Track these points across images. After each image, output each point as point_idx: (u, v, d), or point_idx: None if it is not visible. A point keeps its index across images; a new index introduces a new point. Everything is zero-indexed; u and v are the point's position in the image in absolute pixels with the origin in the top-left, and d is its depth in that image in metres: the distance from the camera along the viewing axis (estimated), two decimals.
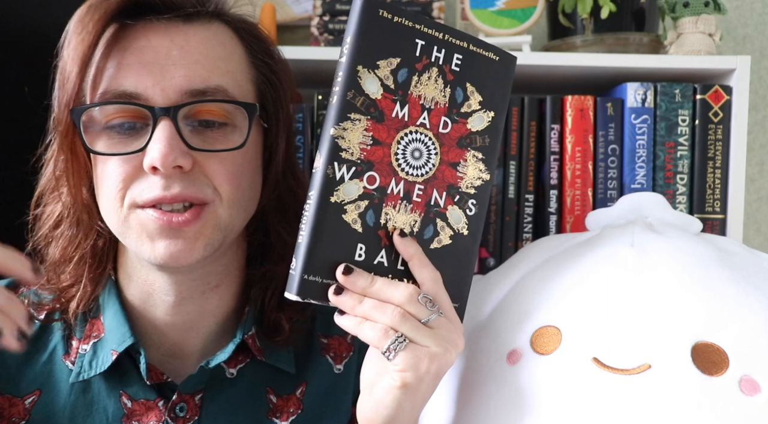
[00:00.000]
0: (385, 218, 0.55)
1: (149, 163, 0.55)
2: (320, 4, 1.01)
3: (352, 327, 0.53)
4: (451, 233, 0.58)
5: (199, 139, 0.57)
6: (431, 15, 1.01)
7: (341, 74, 0.53)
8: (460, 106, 0.57)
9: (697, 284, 0.59)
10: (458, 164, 0.58)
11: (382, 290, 0.53)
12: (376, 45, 0.53)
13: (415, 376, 0.51)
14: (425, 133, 0.56)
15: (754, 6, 1.23)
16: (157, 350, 0.64)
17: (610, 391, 0.54)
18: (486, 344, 0.63)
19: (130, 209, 0.57)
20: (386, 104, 0.54)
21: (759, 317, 0.57)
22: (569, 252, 0.68)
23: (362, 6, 0.53)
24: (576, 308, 0.60)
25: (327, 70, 0.97)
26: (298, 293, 0.52)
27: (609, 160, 0.91)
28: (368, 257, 0.54)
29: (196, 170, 0.57)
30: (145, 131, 0.56)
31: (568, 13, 1.00)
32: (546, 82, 1.03)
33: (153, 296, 0.63)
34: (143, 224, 0.56)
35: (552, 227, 0.92)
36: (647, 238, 0.64)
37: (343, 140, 0.52)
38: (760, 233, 1.25)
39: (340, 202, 0.53)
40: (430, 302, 0.53)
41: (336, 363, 0.70)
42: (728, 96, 0.90)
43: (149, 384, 0.62)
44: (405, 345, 0.51)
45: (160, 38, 0.56)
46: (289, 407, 0.67)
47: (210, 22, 0.60)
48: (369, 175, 0.54)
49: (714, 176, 0.91)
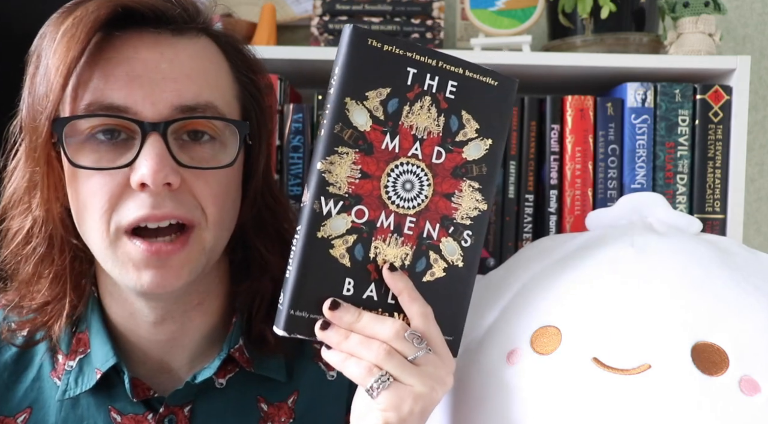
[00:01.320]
0: (375, 251, 0.54)
1: (138, 179, 0.52)
2: (320, 4, 1.01)
3: (337, 363, 0.52)
4: (444, 265, 0.56)
5: (188, 156, 0.55)
6: (431, 15, 1.01)
7: (329, 106, 0.52)
8: (455, 135, 0.56)
9: (697, 284, 0.59)
10: (453, 195, 0.56)
11: (368, 326, 0.52)
12: (364, 76, 0.52)
13: (397, 416, 0.50)
14: (417, 164, 0.55)
15: (754, 6, 1.23)
16: (143, 366, 0.64)
17: (610, 391, 0.54)
18: (486, 344, 0.63)
19: (116, 235, 0.54)
20: (375, 136, 0.53)
21: (759, 317, 0.57)
22: (569, 252, 0.67)
23: (350, 36, 0.51)
24: (576, 308, 0.60)
25: (327, 70, 0.97)
26: (285, 329, 0.52)
27: (609, 160, 0.91)
28: (357, 292, 0.53)
29: (183, 189, 0.55)
30: (131, 144, 0.54)
31: (568, 13, 1.00)
32: (546, 82, 1.03)
33: (134, 315, 0.62)
34: (129, 255, 0.55)
35: (552, 227, 0.92)
36: (647, 238, 0.64)
37: (330, 174, 0.52)
38: (760, 233, 1.25)
39: (327, 237, 0.52)
40: (418, 339, 0.52)
41: (329, 370, 0.69)
42: (728, 96, 0.90)
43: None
44: (389, 384, 0.50)
45: (149, 51, 0.54)
46: (281, 416, 0.66)
47: (198, 36, 0.58)
48: (357, 209, 0.53)
49: (714, 176, 0.91)
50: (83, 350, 0.62)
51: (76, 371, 0.62)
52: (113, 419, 0.61)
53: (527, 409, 0.57)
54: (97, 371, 0.60)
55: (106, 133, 0.54)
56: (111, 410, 0.62)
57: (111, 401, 0.62)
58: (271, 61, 0.92)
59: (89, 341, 0.62)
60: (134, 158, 0.53)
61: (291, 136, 0.90)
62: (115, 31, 0.54)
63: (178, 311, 0.62)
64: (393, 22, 1.01)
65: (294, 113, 0.90)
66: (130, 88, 0.53)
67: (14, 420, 0.62)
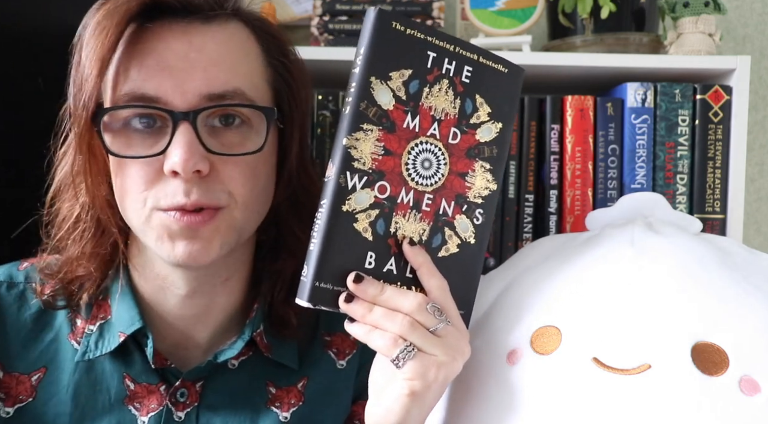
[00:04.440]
0: (395, 226, 0.56)
1: (170, 167, 0.55)
2: (320, 4, 1.01)
3: (362, 335, 0.54)
4: (458, 241, 0.59)
5: (218, 142, 0.57)
6: (431, 15, 1.01)
7: (354, 85, 0.53)
8: (469, 117, 0.58)
9: (697, 284, 0.59)
10: (466, 174, 0.58)
11: (391, 299, 0.53)
12: (388, 57, 0.54)
13: (423, 384, 0.52)
14: (435, 144, 0.57)
15: (754, 6, 1.23)
16: (163, 340, 0.65)
17: (610, 391, 0.54)
18: (486, 344, 0.63)
19: (151, 211, 0.57)
20: (398, 115, 0.55)
21: (759, 317, 0.57)
22: (569, 252, 0.67)
23: (375, 18, 0.53)
24: (576, 308, 0.60)
25: (327, 70, 0.97)
26: (309, 300, 0.53)
27: (609, 160, 0.91)
28: (378, 265, 0.55)
29: (213, 175, 0.57)
30: (164, 132, 0.56)
31: (568, 13, 1.00)
32: (546, 82, 1.03)
33: (165, 288, 0.64)
34: (165, 226, 0.57)
35: (552, 227, 0.92)
36: (647, 238, 0.64)
37: (355, 150, 0.53)
38: (760, 233, 1.25)
39: (351, 211, 0.54)
40: (438, 311, 0.54)
41: (339, 359, 0.71)
42: (728, 96, 0.90)
43: (153, 368, 0.63)
44: (414, 354, 0.52)
45: (178, 41, 0.56)
46: (290, 398, 0.68)
47: (227, 22, 0.60)
48: (380, 185, 0.55)
49: (714, 176, 0.91)
50: (104, 316, 0.64)
51: (96, 334, 0.64)
52: (126, 386, 0.63)
53: (527, 409, 0.57)
54: (120, 335, 0.62)
55: (142, 122, 0.57)
56: (125, 377, 0.64)
57: (126, 368, 0.64)
58: None
59: (110, 308, 0.64)
60: (166, 147, 0.55)
61: None
62: (148, 22, 0.56)
63: (209, 283, 0.64)
64: None
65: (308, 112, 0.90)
66: (161, 79, 0.55)
67: (29, 378, 0.63)
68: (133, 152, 0.57)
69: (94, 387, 0.63)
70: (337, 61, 0.90)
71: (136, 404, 0.63)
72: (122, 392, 0.63)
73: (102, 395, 0.63)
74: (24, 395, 0.62)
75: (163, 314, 0.65)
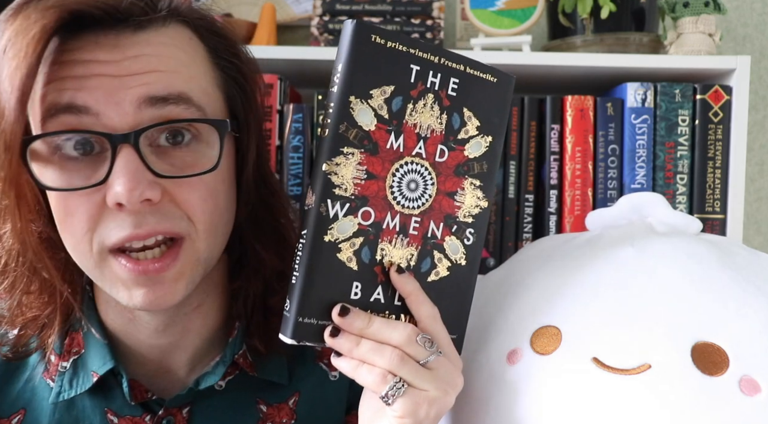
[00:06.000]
0: (381, 253, 0.53)
1: (113, 199, 0.48)
2: (320, 4, 1.01)
3: (349, 370, 0.50)
4: (448, 264, 0.56)
5: (167, 164, 0.51)
6: (431, 15, 1.01)
7: (332, 105, 0.50)
8: (456, 132, 0.55)
9: (697, 284, 0.59)
10: (455, 193, 0.56)
11: (379, 331, 0.50)
12: (368, 73, 0.50)
13: (414, 422, 0.49)
14: (421, 164, 0.54)
15: (754, 6, 1.23)
16: (141, 368, 0.62)
17: (610, 391, 0.54)
18: (486, 344, 0.63)
19: (100, 256, 0.51)
20: (380, 135, 0.51)
21: (759, 317, 0.57)
22: (569, 252, 0.67)
23: (353, 31, 0.49)
24: (576, 308, 0.60)
25: (327, 70, 0.97)
26: (292, 336, 0.50)
27: (609, 160, 0.91)
28: (364, 295, 0.52)
29: (166, 200, 0.51)
30: (104, 158, 0.49)
31: (568, 13, 1.00)
32: (546, 82, 1.04)
33: (134, 322, 0.59)
34: (116, 274, 0.51)
35: (552, 227, 0.92)
36: (647, 238, 0.64)
37: (336, 176, 0.50)
38: (760, 233, 1.25)
39: (334, 240, 0.51)
40: (429, 342, 0.51)
41: (331, 370, 0.68)
42: (728, 96, 0.90)
43: None
44: (404, 390, 0.49)
45: (108, 53, 0.49)
46: (282, 417, 0.65)
47: (164, 25, 0.52)
48: (364, 211, 0.52)
49: (714, 176, 0.91)
50: (77, 351, 0.60)
51: (70, 372, 0.60)
52: (110, 421, 0.60)
53: (527, 409, 0.57)
54: (94, 374, 0.59)
55: (77, 148, 0.49)
56: (107, 412, 0.60)
57: (107, 402, 0.60)
58: (271, 61, 0.92)
59: (83, 341, 0.60)
60: (107, 175, 0.48)
61: (291, 136, 0.90)
62: (71, 36, 0.48)
63: (180, 313, 0.60)
64: (393, 22, 1.01)
65: (294, 113, 0.90)
66: (90, 88, 0.48)
67: (8, 421, 0.60)
68: (68, 184, 0.49)
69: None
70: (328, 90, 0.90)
71: None
72: None
73: None
74: None
75: (136, 346, 0.61)
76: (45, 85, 0.48)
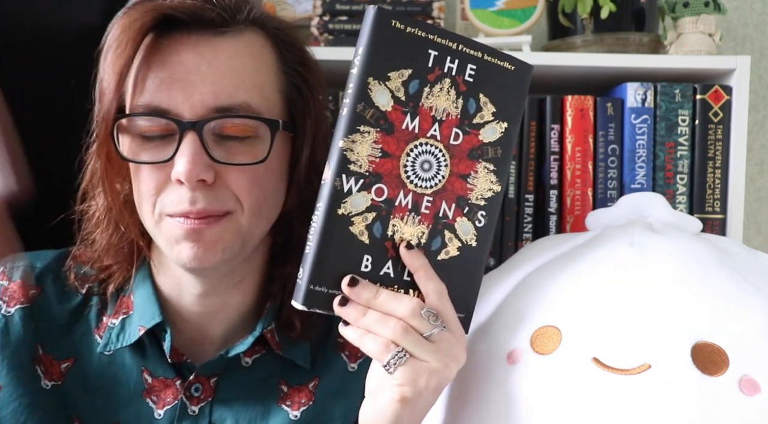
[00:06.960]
0: (393, 229, 0.55)
1: (175, 175, 0.57)
2: (320, 4, 1.01)
3: (355, 338, 0.54)
4: (459, 244, 0.58)
5: (223, 151, 0.59)
6: (431, 15, 1.01)
7: (351, 86, 0.53)
8: (472, 117, 0.57)
9: (697, 284, 0.59)
10: (468, 176, 0.57)
11: (386, 303, 0.53)
12: (387, 56, 0.53)
13: (413, 391, 0.52)
14: (435, 145, 0.56)
15: (754, 6, 1.23)
16: (180, 335, 0.68)
17: (610, 391, 0.54)
18: (486, 344, 0.63)
19: (160, 217, 0.60)
20: (396, 116, 0.54)
21: (759, 317, 0.57)
22: (569, 252, 0.68)
23: (375, 16, 0.52)
24: (576, 308, 0.60)
25: (327, 70, 0.97)
26: (303, 303, 0.53)
27: (609, 160, 0.91)
28: (374, 268, 0.55)
29: (219, 182, 0.59)
30: (173, 141, 0.59)
31: (568, 13, 1.00)
32: (546, 82, 1.03)
33: (181, 286, 0.66)
34: (171, 231, 0.60)
35: (552, 227, 0.92)
36: (647, 238, 0.64)
37: (351, 153, 0.53)
38: (760, 233, 1.25)
39: (347, 214, 0.53)
40: (434, 316, 0.54)
41: (350, 361, 0.71)
42: (728, 96, 0.90)
43: (170, 362, 0.66)
44: (405, 360, 0.52)
45: (189, 54, 0.58)
46: (301, 398, 0.69)
47: (241, 32, 0.61)
48: (377, 188, 0.54)
49: (714, 176, 0.91)
50: (126, 311, 0.67)
51: (118, 328, 0.67)
52: (144, 380, 0.66)
53: (527, 409, 0.57)
54: (140, 328, 0.65)
55: (154, 130, 0.59)
56: (144, 371, 0.67)
57: (144, 362, 0.67)
58: None
59: (133, 303, 0.67)
60: (173, 155, 0.58)
61: None
62: (163, 35, 0.59)
63: (222, 285, 0.66)
64: None
65: None
66: (172, 91, 0.58)
67: (59, 364, 0.67)
68: (143, 158, 0.60)
69: (115, 380, 0.66)
70: (336, 61, 0.90)
71: (153, 398, 0.66)
72: (140, 385, 0.66)
73: (122, 388, 0.66)
74: (56, 377, 0.66)
75: (180, 310, 0.67)
76: (139, 82, 0.58)
